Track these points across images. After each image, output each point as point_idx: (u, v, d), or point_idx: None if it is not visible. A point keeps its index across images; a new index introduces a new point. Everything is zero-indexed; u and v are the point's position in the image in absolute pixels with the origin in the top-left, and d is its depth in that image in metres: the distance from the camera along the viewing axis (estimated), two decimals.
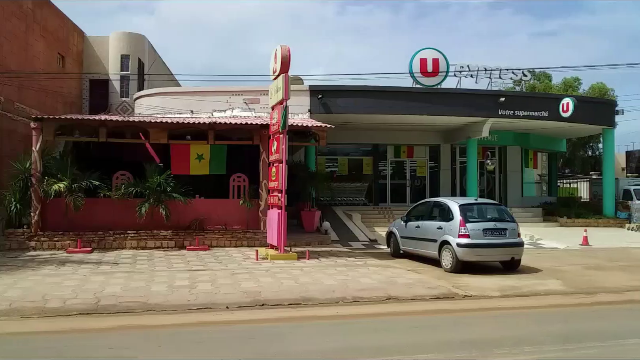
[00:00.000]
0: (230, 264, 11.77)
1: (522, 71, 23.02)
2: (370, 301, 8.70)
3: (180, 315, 7.62)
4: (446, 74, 21.64)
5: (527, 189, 26.64)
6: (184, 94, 20.34)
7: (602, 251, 15.73)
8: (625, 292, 10.01)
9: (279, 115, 12.85)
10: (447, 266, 11.77)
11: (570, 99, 21.57)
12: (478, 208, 12.73)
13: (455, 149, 25.12)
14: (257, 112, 18.81)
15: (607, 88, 38.54)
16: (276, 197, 13.14)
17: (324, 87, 20.29)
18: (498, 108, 20.72)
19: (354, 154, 25.37)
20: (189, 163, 15.55)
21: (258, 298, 8.46)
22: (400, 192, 25.01)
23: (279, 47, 12.98)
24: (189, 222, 14.97)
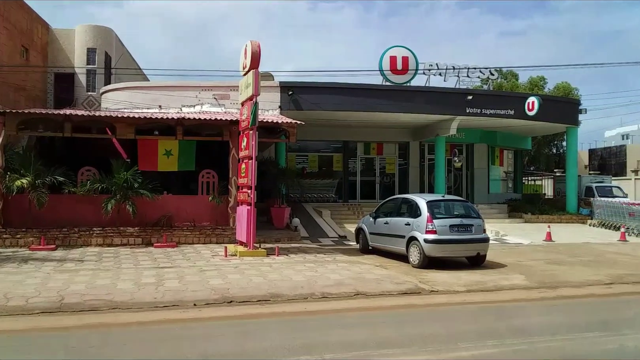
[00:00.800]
0: (199, 261, 11.68)
1: (489, 70, 23.40)
2: (338, 297, 8.76)
3: (147, 313, 7.54)
4: (415, 72, 21.85)
5: (494, 185, 27.15)
6: (152, 89, 20.03)
7: (564, 246, 16.17)
8: (586, 286, 10.32)
9: (248, 112, 12.79)
10: (415, 262, 11.93)
11: (535, 97, 22.04)
12: (445, 204, 12.93)
13: (424, 146, 25.42)
14: (227, 108, 18.68)
15: (571, 87, 39.52)
16: (246, 193, 13.08)
17: (295, 83, 20.26)
18: (466, 106, 21.03)
19: (325, 150, 25.44)
20: (156, 159, 15.36)
21: (226, 295, 8.43)
22: (370, 189, 25.19)
23: (249, 42, 12.92)
24: (157, 218, 14.79)
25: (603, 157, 44.02)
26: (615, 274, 11.44)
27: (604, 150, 45.35)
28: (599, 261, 13.35)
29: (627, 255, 14.33)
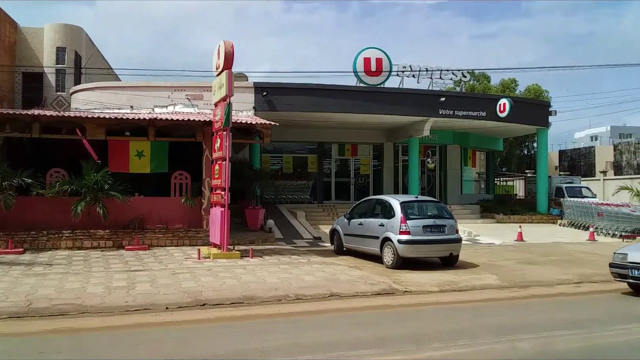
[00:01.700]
0: (171, 264, 11.54)
1: (461, 72, 23.70)
2: (312, 299, 8.75)
3: (117, 317, 7.41)
4: (389, 73, 21.99)
5: (466, 186, 27.49)
6: (123, 89, 19.73)
7: (535, 246, 16.44)
8: (556, 285, 10.51)
9: (222, 112, 12.69)
10: (389, 262, 11.99)
11: (506, 99, 22.39)
12: (418, 205, 13.04)
13: (398, 147, 25.60)
14: (200, 109, 18.51)
15: (542, 90, 40.25)
16: (219, 195, 12.98)
17: (269, 84, 20.20)
18: (439, 108, 21.25)
19: (299, 151, 25.41)
20: (128, 160, 15.13)
21: (199, 298, 8.34)
22: (345, 190, 25.26)
23: (222, 42, 12.83)
24: (128, 221, 14.56)
25: (573, 158, 44.92)
26: (584, 273, 11.67)
27: (574, 152, 46.28)
28: (569, 261, 13.61)
29: (596, 255, 14.63)
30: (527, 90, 40.04)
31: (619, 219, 19.37)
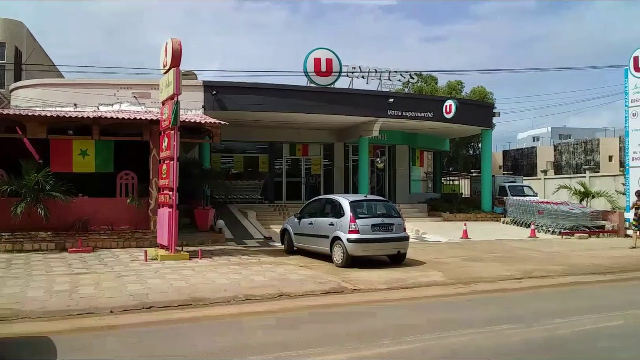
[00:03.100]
0: (116, 266, 11.26)
1: (409, 74, 24.17)
2: (262, 299, 8.73)
3: (59, 321, 7.16)
4: (339, 74, 22.16)
5: (414, 186, 28.04)
6: (66, 86, 19.05)
7: (479, 244, 16.96)
8: (499, 281, 10.88)
9: (169, 111, 12.48)
10: (338, 261, 12.10)
11: (452, 101, 22.97)
12: (367, 205, 13.22)
13: (348, 147, 25.85)
14: (147, 107, 18.09)
15: (486, 91, 41.49)
16: (167, 195, 12.76)
17: (219, 83, 19.98)
18: (387, 108, 21.59)
19: (250, 151, 25.27)
20: (71, 159, 14.66)
21: (145, 300, 8.18)
22: (296, 190, 25.29)
23: (169, 40, 12.63)
24: (72, 222, 14.11)
25: (516, 158, 46.62)
26: (525, 269, 12.13)
27: (517, 152, 48.03)
28: (511, 257, 14.11)
29: (537, 251, 15.24)
30: (472, 92, 41.19)
31: (559, 217, 20.22)
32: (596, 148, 40.66)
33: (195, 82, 19.81)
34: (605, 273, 11.93)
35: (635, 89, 19.15)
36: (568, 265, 12.76)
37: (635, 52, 19.29)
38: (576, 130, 65.39)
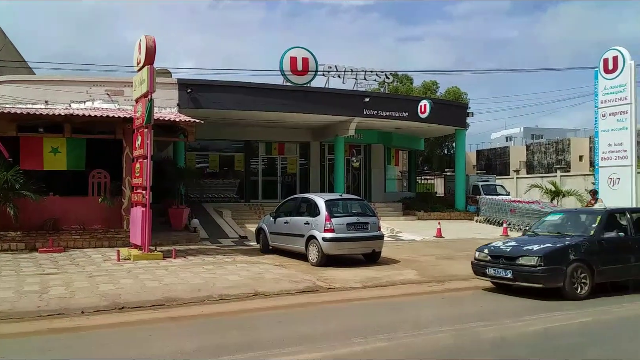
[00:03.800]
0: (88, 266, 11.10)
1: (385, 73, 24.29)
2: (236, 298, 8.70)
3: (29, 322, 7.04)
4: (315, 73, 22.17)
5: (390, 185, 28.23)
6: (37, 83, 18.66)
7: (453, 242, 17.16)
8: (472, 279, 10.93)
9: (143, 109, 12.34)
10: (314, 260, 12.13)
11: (427, 101, 23.19)
12: (343, 203, 13.27)
13: (324, 146, 25.89)
14: (121, 105, 17.83)
15: (461, 92, 41.97)
16: (140, 194, 12.61)
17: (194, 81, 19.80)
18: (363, 108, 21.68)
19: (226, 150, 25.12)
20: (42, 157, 14.36)
21: (117, 301, 8.08)
22: (272, 188, 25.22)
23: (143, 37, 12.49)
24: (42, 222, 13.86)
25: (489, 157, 47.23)
26: None
27: (490, 152, 48.66)
28: None
29: None
30: (447, 92, 41.62)
31: (530, 215, 20.54)
32: (567, 148, 41.45)
33: (170, 80, 19.61)
34: None
35: (605, 90, 19.58)
36: None
37: (605, 54, 19.71)
38: (548, 131, 66.67)
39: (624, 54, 19.10)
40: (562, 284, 8.61)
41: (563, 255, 8.79)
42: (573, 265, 8.71)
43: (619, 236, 9.56)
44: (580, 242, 9.15)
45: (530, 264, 8.72)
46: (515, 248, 9.24)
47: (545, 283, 8.69)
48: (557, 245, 9.03)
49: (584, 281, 8.77)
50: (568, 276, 8.61)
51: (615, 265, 9.27)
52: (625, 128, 18.86)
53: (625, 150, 18.81)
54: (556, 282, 8.66)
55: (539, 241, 9.36)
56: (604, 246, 9.24)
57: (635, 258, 9.46)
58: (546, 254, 8.70)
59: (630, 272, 9.44)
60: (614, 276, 9.34)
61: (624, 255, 9.42)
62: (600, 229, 9.40)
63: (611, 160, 19.30)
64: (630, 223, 9.73)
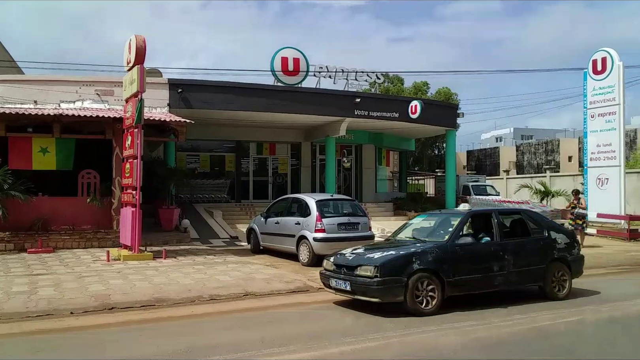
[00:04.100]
0: (78, 267, 11.04)
1: (376, 74, 24.33)
2: (227, 298, 8.70)
3: (17, 323, 7.02)
4: (306, 73, 22.17)
5: (381, 185, 28.29)
6: (26, 82, 18.51)
7: None
8: None
9: (133, 109, 12.30)
10: (305, 260, 12.14)
11: (418, 101, 23.25)
12: (334, 204, 13.31)
13: (315, 146, 25.90)
14: (110, 105, 17.75)
15: (451, 92, 42.18)
16: (130, 194, 12.56)
17: (184, 81, 19.72)
18: (354, 108, 21.70)
19: (217, 150, 25.05)
20: (31, 157, 14.26)
21: (107, 302, 8.05)
22: (263, 189, 25.19)
23: (133, 36, 12.44)
24: (31, 222, 13.76)
25: (479, 158, 47.49)
26: None
27: (480, 152, 48.94)
28: None
29: None
30: (437, 93, 41.79)
31: None
32: (556, 148, 41.77)
33: (160, 79, 19.53)
34: None
35: (594, 91, 19.77)
36: None
37: (594, 56, 19.90)
38: (538, 131, 67.06)
39: (612, 55, 19.30)
40: (403, 297, 7.48)
41: (404, 265, 7.60)
42: (417, 276, 7.54)
43: (480, 241, 8.62)
44: (429, 248, 7.96)
45: (367, 274, 7.60)
46: (358, 257, 8.12)
47: (381, 297, 7.55)
48: (399, 253, 7.89)
49: (431, 294, 7.59)
50: (410, 289, 7.45)
51: (474, 275, 8.14)
52: (613, 129, 19.06)
53: (613, 151, 19.00)
54: (395, 296, 7.53)
55: (386, 248, 8.32)
56: (460, 253, 8.08)
57: (500, 266, 8.34)
58: (383, 264, 7.57)
59: (494, 282, 8.34)
60: (471, 287, 8.21)
61: (486, 263, 8.29)
62: (456, 233, 8.27)
63: (600, 160, 19.49)
64: (497, 226, 8.63)
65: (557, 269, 8.82)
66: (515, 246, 8.67)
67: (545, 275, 8.68)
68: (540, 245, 8.92)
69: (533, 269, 8.68)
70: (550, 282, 8.73)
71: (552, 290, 8.71)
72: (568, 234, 9.65)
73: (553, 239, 9.02)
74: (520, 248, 8.73)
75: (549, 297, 8.65)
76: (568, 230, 10.23)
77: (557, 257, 8.94)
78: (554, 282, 8.76)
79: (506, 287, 8.56)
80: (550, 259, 8.85)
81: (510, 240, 8.74)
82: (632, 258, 14.23)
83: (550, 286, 8.71)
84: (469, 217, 8.85)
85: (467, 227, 8.99)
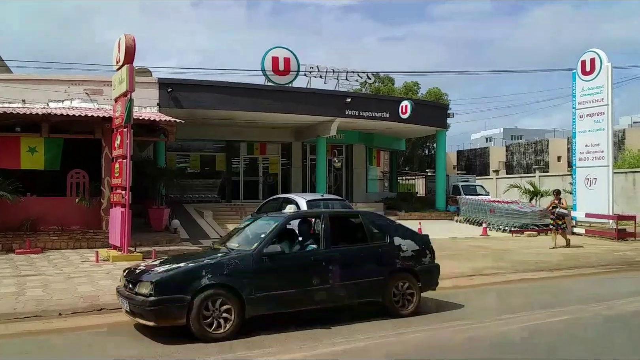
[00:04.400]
0: (66, 268, 10.95)
1: (366, 74, 24.43)
2: None
3: (4, 325, 6.95)
4: (297, 73, 22.21)
5: (371, 185, 28.36)
6: (14, 81, 18.34)
7: (433, 242, 17.05)
8: (451, 278, 11.07)
9: (122, 108, 12.22)
10: None
11: (408, 101, 23.35)
12: (324, 204, 13.27)
13: (306, 146, 25.91)
14: (100, 104, 17.63)
15: (441, 92, 42.34)
16: (120, 194, 12.48)
17: (174, 80, 19.68)
18: (345, 108, 21.75)
19: (207, 150, 25.01)
20: (19, 157, 14.13)
21: (96, 303, 7.99)
22: (253, 189, 25.17)
23: (123, 35, 12.37)
24: (19, 222, 13.63)
25: (469, 158, 47.71)
26: (476, 266, 12.44)
27: (470, 152, 49.16)
28: (463, 255, 14.44)
29: (488, 249, 15.65)
30: (428, 93, 41.94)
31: (509, 215, 20.79)
32: (546, 149, 42.05)
33: (150, 79, 19.45)
34: (552, 270, 12.36)
35: (583, 92, 19.89)
36: (517, 262, 13.15)
37: (583, 56, 20.03)
38: (527, 131, 67.50)
39: (601, 56, 19.43)
40: (185, 320, 6.17)
41: (190, 280, 6.32)
42: (205, 294, 6.26)
43: (296, 250, 7.41)
44: (227, 260, 6.70)
45: (143, 292, 6.31)
46: (145, 270, 6.83)
47: (157, 320, 6.22)
48: (187, 266, 6.63)
49: (225, 315, 6.31)
50: (195, 309, 6.14)
51: (286, 290, 6.84)
52: (602, 129, 19.20)
53: (602, 151, 19.14)
54: (174, 319, 6.22)
55: (182, 259, 7.15)
56: (267, 265, 6.79)
57: (323, 279, 7.07)
58: (160, 280, 6.29)
59: (314, 298, 7.05)
60: (282, 305, 6.89)
61: (303, 275, 7.02)
62: (267, 241, 6.94)
63: (588, 160, 19.62)
64: (325, 232, 7.34)
65: (401, 280, 7.61)
66: (345, 255, 7.44)
67: (385, 288, 7.47)
68: (378, 254, 7.69)
69: (368, 282, 7.45)
70: (392, 296, 7.49)
71: (393, 306, 7.49)
72: (419, 240, 8.22)
73: (397, 246, 7.76)
74: (352, 257, 7.51)
75: (391, 314, 7.46)
76: (420, 236, 8.55)
77: (400, 267, 7.75)
78: (397, 296, 7.52)
79: (333, 303, 7.28)
80: (392, 270, 7.65)
81: (338, 248, 7.45)
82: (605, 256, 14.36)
83: (391, 301, 7.49)
84: (288, 221, 7.59)
85: (295, 233, 7.79)
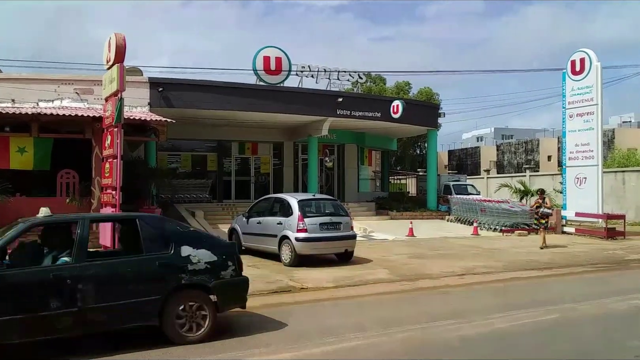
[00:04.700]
0: None
1: (358, 74, 24.43)
2: None
3: None
4: (288, 73, 22.17)
5: (363, 184, 28.38)
6: (4, 81, 18.15)
7: (425, 241, 17.34)
8: (442, 277, 11.19)
9: (113, 108, 12.16)
10: (287, 260, 12.14)
11: (399, 101, 23.39)
12: (316, 204, 13.31)
13: (298, 146, 25.87)
14: (90, 104, 17.52)
15: (433, 92, 42.45)
16: (110, 194, 12.41)
17: (165, 79, 19.59)
18: (336, 108, 21.75)
19: (198, 149, 24.90)
20: (8, 157, 14.02)
21: None
22: (245, 189, 25.10)
23: (113, 34, 12.30)
24: (8, 223, 13.48)
25: (460, 157, 47.91)
26: (467, 265, 12.51)
27: (461, 152, 49.37)
28: (454, 254, 14.51)
29: (479, 248, 15.74)
30: (419, 93, 42.04)
31: (500, 215, 20.90)
32: (536, 148, 42.30)
33: (140, 78, 19.35)
34: (542, 269, 12.45)
35: (572, 91, 20.03)
36: (508, 261, 13.24)
37: (573, 56, 20.17)
38: (518, 131, 67.82)
39: (590, 56, 19.58)
40: None
41: None
42: None
43: (31, 266, 5.99)
44: None
45: None
46: None
47: None
48: None
49: None
50: None
51: (9, 316, 5.43)
52: (591, 128, 19.34)
53: (591, 151, 19.28)
54: None
55: None
56: None
57: (69, 302, 5.70)
58: None
59: (56, 325, 5.67)
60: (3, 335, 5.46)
61: (38, 298, 5.64)
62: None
63: (578, 160, 19.77)
64: (80, 241, 6.05)
65: (189, 300, 6.30)
66: (105, 270, 6.08)
67: (164, 309, 6.15)
68: (155, 267, 6.23)
69: (139, 302, 6.08)
70: (174, 319, 6.19)
71: (175, 332, 6.19)
72: (218, 249, 6.75)
73: (184, 258, 6.35)
74: (114, 273, 6.11)
75: (174, 341, 6.17)
76: (222, 245, 7.14)
77: (187, 283, 6.37)
78: (183, 319, 6.23)
79: (86, 330, 5.93)
80: (176, 287, 6.30)
81: (93, 262, 6.12)
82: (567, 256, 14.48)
83: (172, 326, 6.18)
84: (25, 231, 6.14)
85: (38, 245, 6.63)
